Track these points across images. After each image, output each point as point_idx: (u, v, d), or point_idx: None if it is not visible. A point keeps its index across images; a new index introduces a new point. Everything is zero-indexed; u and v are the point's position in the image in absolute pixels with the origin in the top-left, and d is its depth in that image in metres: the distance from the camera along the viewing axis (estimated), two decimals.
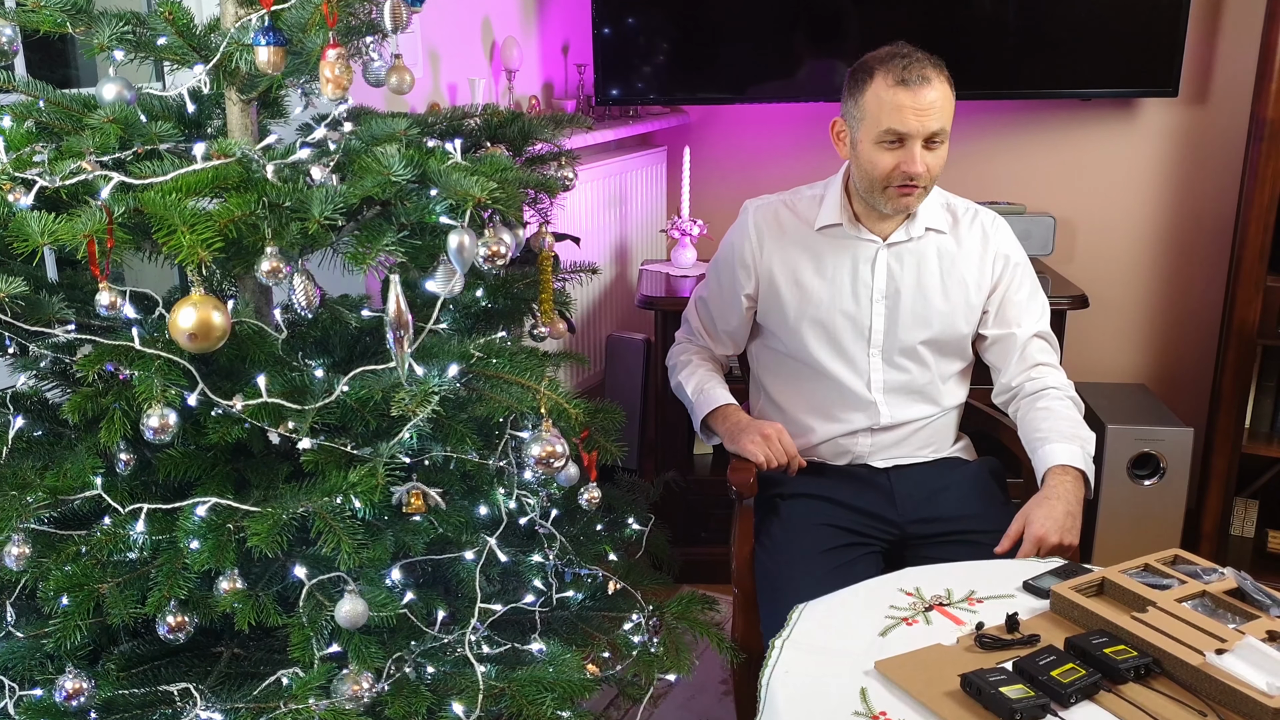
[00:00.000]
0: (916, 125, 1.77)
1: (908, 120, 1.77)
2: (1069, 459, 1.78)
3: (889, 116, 1.78)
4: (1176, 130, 3.02)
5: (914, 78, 1.76)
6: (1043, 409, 1.88)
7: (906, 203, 1.85)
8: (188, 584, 1.37)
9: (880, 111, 1.79)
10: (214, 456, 1.50)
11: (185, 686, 1.46)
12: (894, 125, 1.78)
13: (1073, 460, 1.78)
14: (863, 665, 1.38)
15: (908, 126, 1.77)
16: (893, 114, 1.77)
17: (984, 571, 1.62)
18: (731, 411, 2.00)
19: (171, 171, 1.30)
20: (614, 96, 3.09)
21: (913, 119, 1.76)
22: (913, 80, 1.76)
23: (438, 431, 1.51)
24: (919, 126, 1.77)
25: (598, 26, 3.00)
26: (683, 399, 2.09)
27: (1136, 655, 1.33)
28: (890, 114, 1.77)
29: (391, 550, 1.51)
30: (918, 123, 1.77)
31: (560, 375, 3.03)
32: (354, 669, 1.40)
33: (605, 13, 3.02)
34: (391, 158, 1.31)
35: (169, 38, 1.44)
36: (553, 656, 1.61)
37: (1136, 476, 2.83)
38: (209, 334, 1.26)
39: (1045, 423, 1.85)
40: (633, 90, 3.12)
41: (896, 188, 1.82)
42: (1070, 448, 1.80)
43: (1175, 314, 3.15)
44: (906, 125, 1.77)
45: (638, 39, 3.08)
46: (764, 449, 1.88)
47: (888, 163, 1.81)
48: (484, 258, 1.39)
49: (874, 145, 1.81)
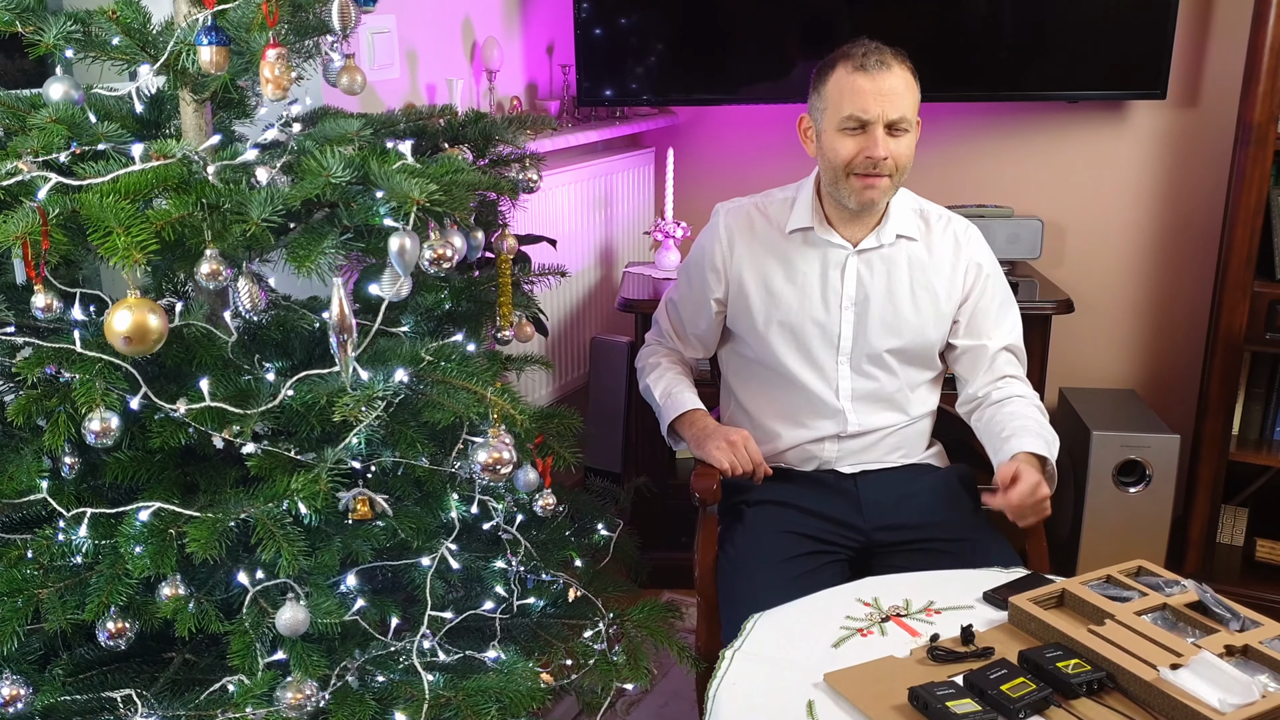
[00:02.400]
0: (877, 110, 1.75)
1: (868, 104, 1.75)
2: (1035, 448, 1.77)
3: (850, 101, 1.77)
4: (1166, 133, 2.99)
5: (873, 63, 1.76)
6: (1009, 411, 1.86)
7: (871, 195, 1.81)
8: (127, 590, 1.36)
9: (842, 98, 1.78)
10: (162, 460, 1.49)
11: (128, 693, 1.44)
12: (854, 110, 1.76)
13: (1038, 450, 1.77)
14: (813, 677, 1.36)
15: (868, 111, 1.75)
16: (853, 98, 1.76)
17: (944, 582, 1.60)
18: (699, 417, 1.97)
19: (113, 172, 1.28)
20: (596, 97, 3.07)
21: (873, 103, 1.75)
22: (871, 65, 1.75)
23: (389, 437, 1.49)
24: (879, 111, 1.75)
25: (579, 26, 2.99)
26: (650, 402, 2.07)
27: (1090, 670, 1.30)
28: (851, 99, 1.77)
29: (340, 557, 1.49)
30: (878, 107, 1.75)
31: (541, 380, 3.01)
32: (296, 677, 1.38)
33: (587, 12, 3.00)
34: (331, 159, 1.29)
35: (117, 37, 1.43)
36: (506, 665, 1.59)
37: (1122, 483, 2.80)
38: (145, 337, 1.24)
39: (1012, 421, 1.84)
40: (617, 90, 3.10)
41: (859, 176, 1.80)
42: (1037, 441, 1.79)
43: (1164, 319, 3.12)
44: (867, 109, 1.75)
45: (620, 39, 3.05)
46: (729, 456, 1.85)
47: (850, 149, 1.79)
48: (429, 260, 1.37)
49: (836, 133, 1.80)
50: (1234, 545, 2.97)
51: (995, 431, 1.85)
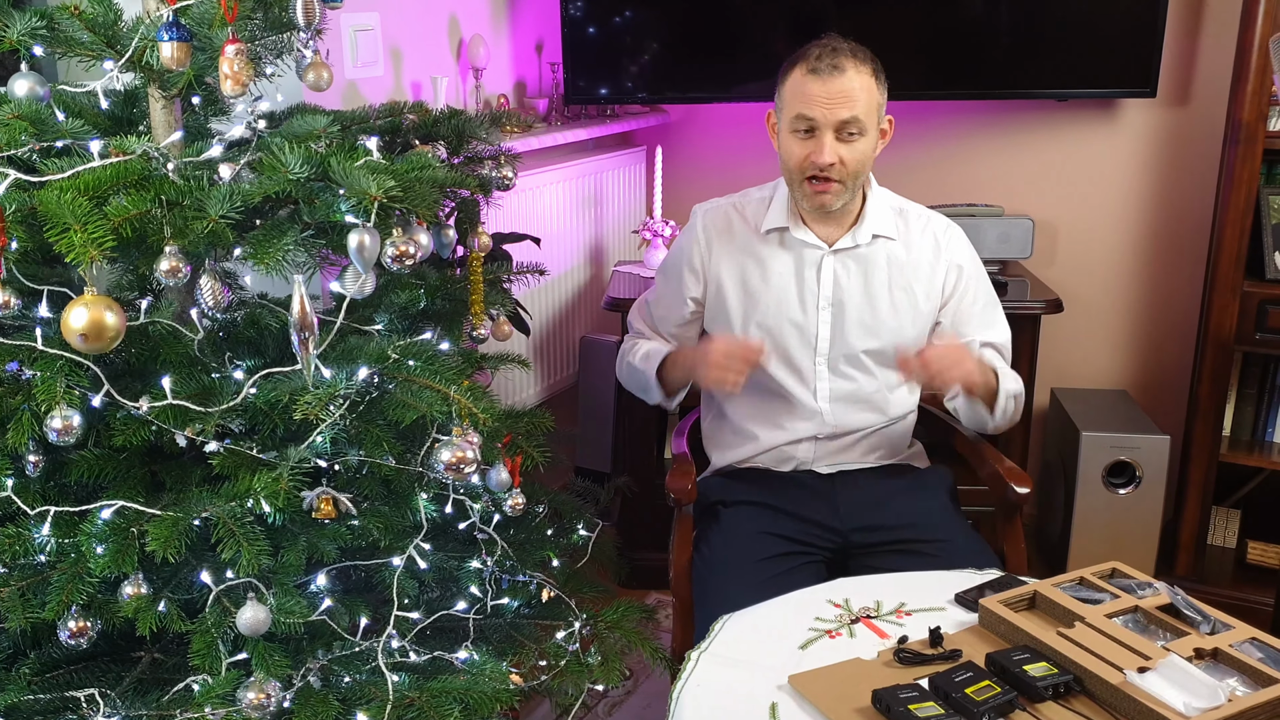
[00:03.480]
0: (823, 113, 1.74)
1: (815, 107, 1.74)
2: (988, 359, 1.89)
3: (799, 104, 1.76)
4: (1156, 132, 2.96)
5: (825, 66, 1.74)
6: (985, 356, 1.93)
7: (822, 200, 1.80)
8: (88, 589, 1.35)
9: (793, 99, 1.77)
10: (128, 458, 1.48)
11: (91, 692, 1.43)
12: (803, 111, 1.76)
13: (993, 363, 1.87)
14: (778, 679, 1.34)
15: (814, 114, 1.74)
16: (802, 101, 1.75)
17: (917, 583, 1.58)
18: (678, 356, 1.96)
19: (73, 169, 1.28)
20: (583, 95, 3.06)
21: (820, 106, 1.74)
22: (823, 69, 1.74)
23: (354, 435, 1.48)
24: (826, 115, 1.74)
25: (566, 24, 2.97)
26: (635, 381, 2.04)
27: (1057, 673, 1.29)
28: (800, 101, 1.76)
29: (305, 556, 1.48)
30: (825, 110, 1.74)
31: (528, 379, 3.00)
32: (258, 677, 1.37)
33: (574, 10, 2.99)
34: (290, 156, 1.28)
35: (84, 34, 1.42)
36: (475, 666, 1.58)
37: (1112, 485, 2.77)
38: (101, 335, 1.23)
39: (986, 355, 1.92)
40: (605, 88, 3.08)
41: (809, 181, 1.79)
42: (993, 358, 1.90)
43: (1156, 318, 3.09)
44: (813, 112, 1.74)
45: (608, 36, 3.04)
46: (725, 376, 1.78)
47: (800, 152, 1.78)
48: (392, 258, 1.36)
49: (789, 134, 1.80)
50: (1225, 547, 2.94)
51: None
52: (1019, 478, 1.83)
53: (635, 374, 2.03)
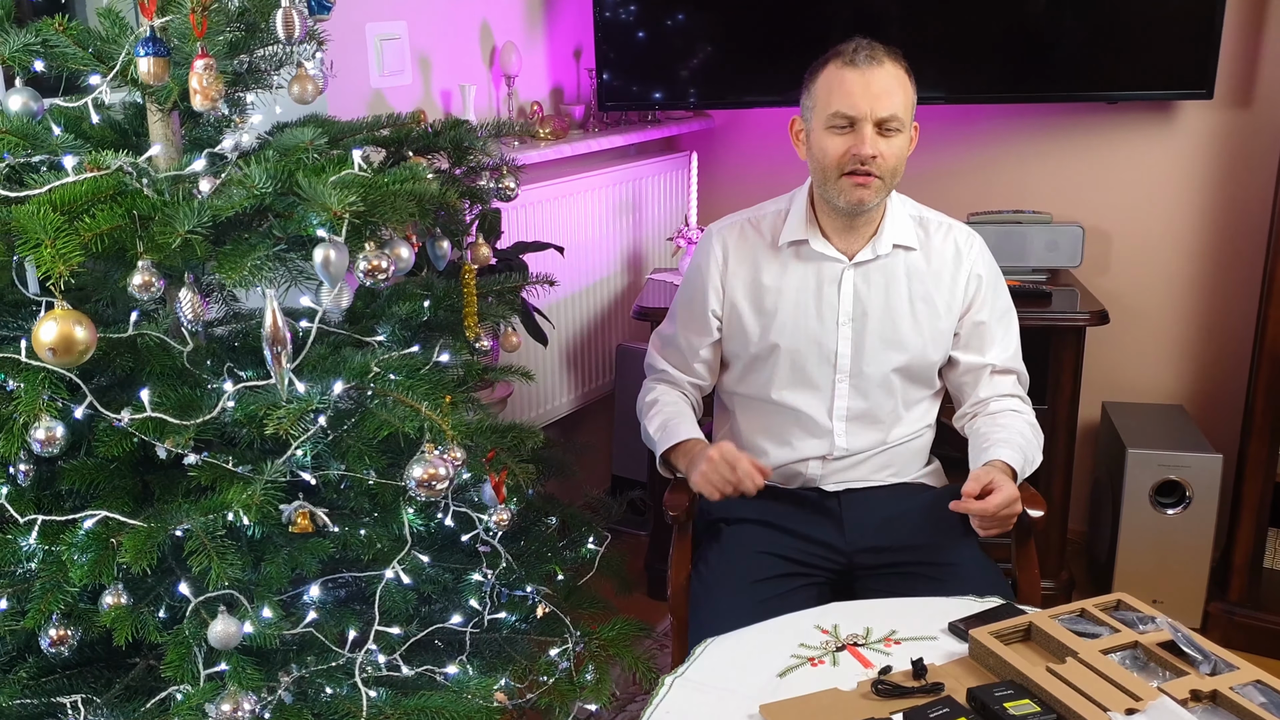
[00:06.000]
0: (865, 107, 1.68)
1: (856, 101, 1.69)
2: (1010, 459, 1.72)
3: (837, 98, 1.71)
4: (1215, 135, 2.83)
5: (863, 59, 1.69)
6: (999, 422, 1.81)
7: (860, 195, 1.73)
8: (66, 598, 1.37)
9: (829, 95, 1.72)
10: (118, 468, 1.50)
11: (76, 699, 1.45)
12: (841, 107, 1.70)
13: (1012, 462, 1.73)
14: (750, 708, 1.30)
15: (856, 108, 1.69)
16: (841, 96, 1.70)
17: (911, 610, 1.53)
18: (690, 445, 1.86)
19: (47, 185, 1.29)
20: (617, 101, 3.03)
21: (861, 99, 1.68)
22: (861, 61, 1.69)
23: (335, 449, 1.48)
24: (867, 108, 1.68)
25: (599, 29, 2.94)
26: (648, 443, 1.96)
27: (1039, 711, 1.23)
28: (838, 96, 1.70)
29: (288, 569, 1.48)
30: (866, 104, 1.68)
31: (562, 387, 2.98)
32: (232, 689, 1.37)
33: (606, 17, 2.96)
34: (255, 170, 1.28)
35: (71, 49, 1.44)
36: (459, 683, 1.56)
37: (1160, 504, 2.66)
38: (70, 349, 1.24)
39: (997, 432, 1.78)
40: (639, 93, 3.05)
41: (849, 175, 1.73)
42: (1015, 454, 1.74)
43: (1214, 330, 2.95)
44: (855, 106, 1.69)
45: (643, 41, 3.00)
46: (709, 481, 1.73)
47: (838, 147, 1.72)
48: (364, 272, 1.35)
49: (824, 131, 1.73)
50: None
51: (980, 438, 1.79)
52: (1034, 500, 1.75)
53: (648, 439, 1.95)
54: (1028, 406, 1.86)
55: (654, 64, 3.03)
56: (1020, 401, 1.85)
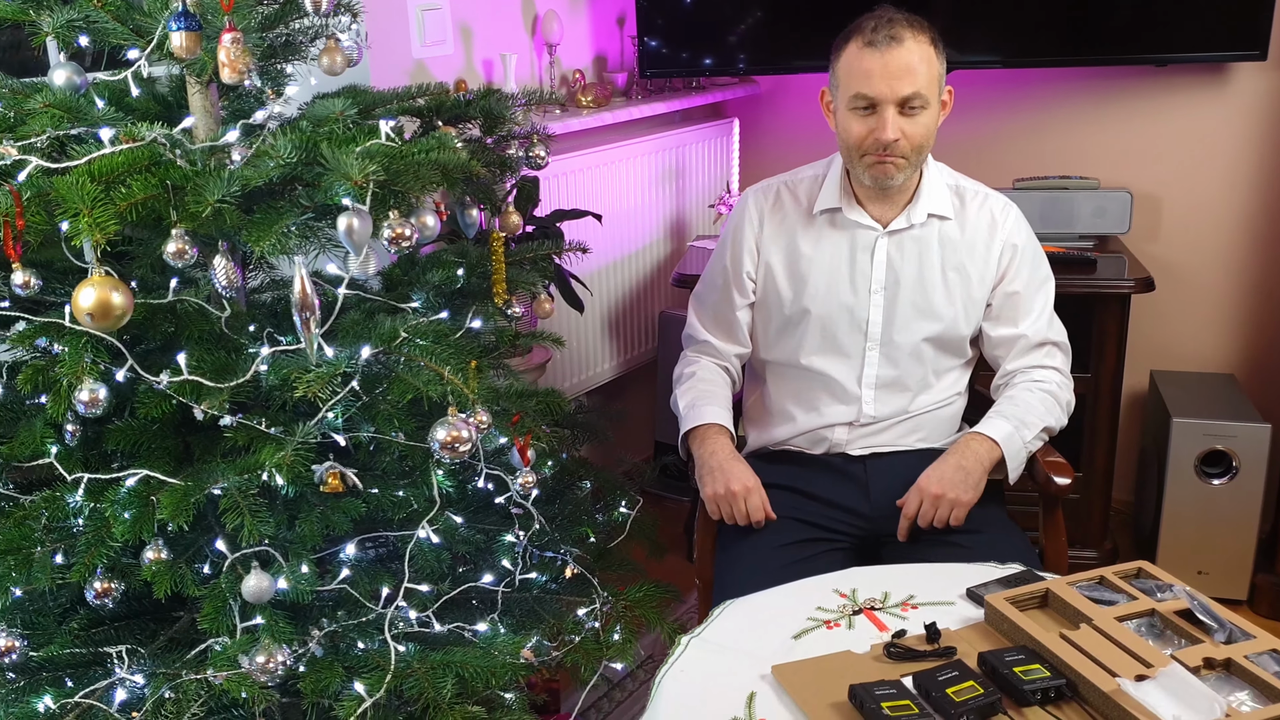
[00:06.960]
0: (885, 89, 1.67)
1: (875, 84, 1.68)
2: (988, 429, 1.75)
3: (857, 81, 1.70)
4: (1269, 98, 2.75)
5: (881, 39, 1.67)
6: (1008, 396, 1.83)
7: (884, 171, 1.73)
8: (109, 552, 1.43)
9: (850, 77, 1.71)
10: (160, 429, 1.56)
11: (121, 649, 1.52)
12: (862, 90, 1.69)
13: (991, 431, 1.75)
14: (763, 669, 1.33)
15: (876, 91, 1.68)
16: (861, 79, 1.69)
17: (931, 575, 1.54)
18: (713, 435, 1.86)
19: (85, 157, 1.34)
20: (659, 68, 3.03)
21: (880, 83, 1.67)
22: (880, 42, 1.67)
23: (367, 412, 1.52)
24: (888, 91, 1.67)
25: None
26: (677, 415, 1.97)
27: (1049, 676, 1.23)
28: (858, 78, 1.70)
29: (320, 528, 1.53)
30: (886, 86, 1.67)
31: (604, 353, 3.01)
32: (265, 642, 1.43)
33: None
34: (280, 140, 1.32)
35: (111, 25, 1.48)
36: (489, 639, 1.61)
37: (1206, 475, 2.62)
38: (108, 314, 1.29)
39: (1001, 406, 1.80)
40: (683, 60, 3.04)
41: (873, 156, 1.73)
42: (999, 423, 1.76)
43: (1267, 297, 2.89)
44: (875, 90, 1.68)
45: (688, 8, 3.00)
46: (723, 507, 1.77)
47: (860, 130, 1.72)
48: (388, 240, 1.38)
49: (848, 112, 1.73)
50: None
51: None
52: (1060, 469, 1.75)
53: (676, 412, 1.97)
54: (1058, 375, 1.84)
55: (698, 29, 3.02)
56: (1048, 371, 1.84)
